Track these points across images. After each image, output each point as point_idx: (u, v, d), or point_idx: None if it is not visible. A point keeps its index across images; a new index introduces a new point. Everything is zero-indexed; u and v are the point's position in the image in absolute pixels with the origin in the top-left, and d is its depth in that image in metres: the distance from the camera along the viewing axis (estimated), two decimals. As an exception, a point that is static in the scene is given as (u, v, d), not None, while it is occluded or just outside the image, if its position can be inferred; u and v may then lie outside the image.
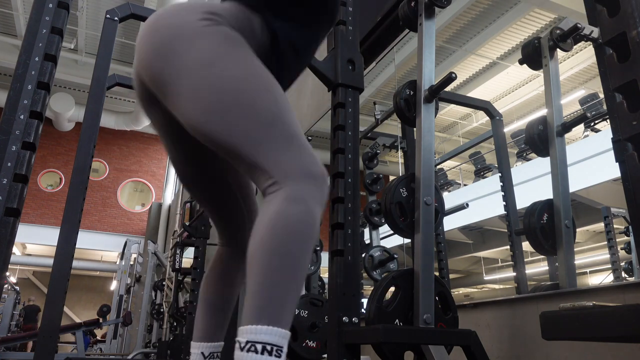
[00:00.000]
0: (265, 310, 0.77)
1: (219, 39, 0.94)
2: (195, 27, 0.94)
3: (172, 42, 0.94)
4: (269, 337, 0.75)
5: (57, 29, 1.33)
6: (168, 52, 0.93)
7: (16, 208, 1.17)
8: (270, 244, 0.81)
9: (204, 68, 0.91)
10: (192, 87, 0.90)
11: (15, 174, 1.18)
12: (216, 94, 0.90)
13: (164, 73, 0.93)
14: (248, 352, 0.74)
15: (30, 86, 1.25)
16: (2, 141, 1.18)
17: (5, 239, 1.14)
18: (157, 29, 0.97)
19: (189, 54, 0.92)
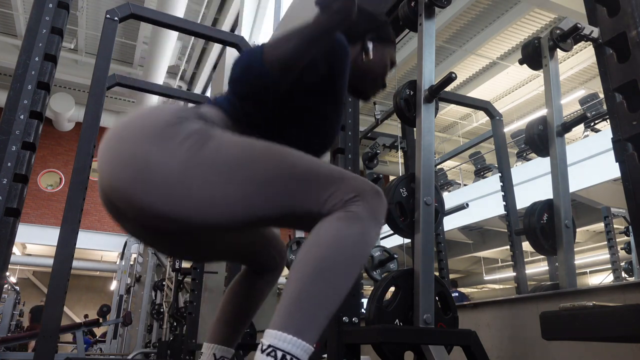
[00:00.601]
0: (294, 320, 0.76)
1: (194, 132, 0.85)
2: (165, 129, 0.84)
3: (144, 155, 0.81)
4: (292, 347, 0.74)
5: (57, 29, 1.33)
6: (144, 170, 0.81)
7: (16, 208, 1.17)
8: (317, 258, 0.80)
9: (195, 169, 0.82)
10: (193, 194, 0.81)
11: (15, 174, 1.18)
12: (226, 186, 0.82)
13: (146, 194, 0.81)
14: (267, 355, 0.74)
15: (30, 86, 1.25)
16: (2, 141, 1.18)
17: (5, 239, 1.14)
18: (122, 141, 0.85)
19: (170, 162, 0.81)
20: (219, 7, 9.68)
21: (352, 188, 0.84)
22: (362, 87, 1.17)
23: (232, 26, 9.30)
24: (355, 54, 1.11)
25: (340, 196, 0.83)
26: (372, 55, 1.12)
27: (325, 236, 0.81)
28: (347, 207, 0.83)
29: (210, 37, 3.16)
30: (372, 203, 0.85)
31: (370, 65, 1.13)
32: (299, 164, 0.86)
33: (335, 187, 0.84)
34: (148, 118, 0.87)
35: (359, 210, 0.83)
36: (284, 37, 0.88)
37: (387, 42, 1.16)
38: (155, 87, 4.32)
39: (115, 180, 0.83)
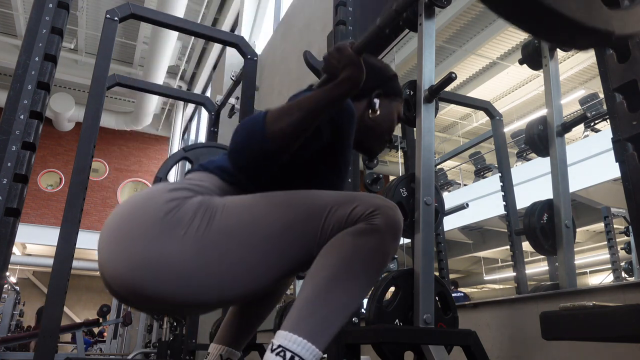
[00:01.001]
0: (306, 324, 0.77)
1: (194, 213, 0.83)
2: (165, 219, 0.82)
3: (149, 253, 0.80)
4: (301, 350, 0.75)
5: (57, 29, 1.33)
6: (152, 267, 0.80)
7: (16, 208, 1.17)
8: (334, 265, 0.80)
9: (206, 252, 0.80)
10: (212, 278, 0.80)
11: (15, 174, 1.18)
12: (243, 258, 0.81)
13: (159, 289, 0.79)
14: (277, 355, 0.74)
15: (30, 86, 1.25)
16: (2, 141, 1.18)
17: (5, 239, 1.14)
18: (122, 239, 0.82)
19: (177, 252, 0.80)
20: (219, 7, 9.68)
21: (369, 204, 0.85)
22: (368, 144, 1.13)
23: (232, 26, 9.30)
24: (361, 110, 1.08)
25: (361, 211, 0.84)
26: (378, 112, 1.09)
27: (344, 245, 0.82)
28: (367, 220, 0.84)
29: (210, 37, 3.16)
30: (390, 217, 0.85)
31: (376, 122, 1.10)
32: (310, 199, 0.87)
33: (355, 204, 0.85)
34: (145, 209, 0.84)
35: (378, 223, 0.83)
36: (287, 108, 0.84)
37: (394, 97, 1.14)
38: (155, 87, 4.32)
39: (127, 279, 0.81)
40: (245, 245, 0.82)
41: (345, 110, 0.95)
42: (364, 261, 0.81)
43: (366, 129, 1.09)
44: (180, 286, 0.80)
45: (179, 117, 13.66)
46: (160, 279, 0.80)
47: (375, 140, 1.13)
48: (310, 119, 0.83)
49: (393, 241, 0.85)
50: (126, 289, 0.83)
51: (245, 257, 0.82)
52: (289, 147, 0.85)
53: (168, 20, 2.87)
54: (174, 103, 13.83)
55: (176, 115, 13.86)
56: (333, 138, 0.95)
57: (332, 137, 0.95)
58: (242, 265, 0.82)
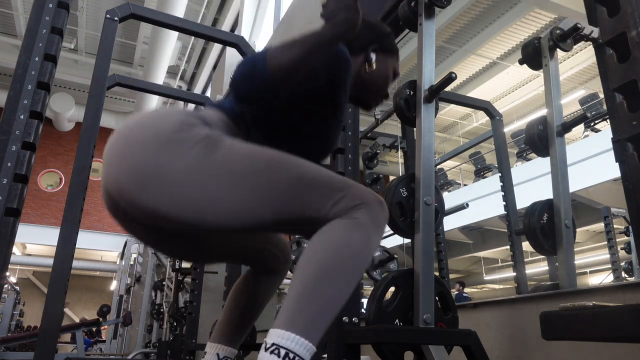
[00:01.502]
0: (298, 320, 0.77)
1: (201, 139, 0.86)
2: (172, 136, 0.85)
3: (151, 161, 0.83)
4: (295, 346, 0.75)
5: (57, 29, 1.33)
6: (150, 175, 0.83)
7: (16, 208, 1.17)
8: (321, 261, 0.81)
9: (202, 175, 0.83)
10: (200, 199, 0.82)
11: (15, 174, 1.18)
12: (231, 191, 0.83)
13: (152, 198, 0.82)
14: (271, 354, 0.75)
15: (30, 86, 1.25)
16: (2, 141, 1.18)
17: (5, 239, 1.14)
18: (128, 145, 0.86)
19: (176, 168, 0.83)
20: (219, 7, 9.69)
21: (357, 196, 0.86)
22: (364, 98, 1.18)
23: (232, 26, 9.30)
24: (358, 64, 1.12)
25: (345, 203, 0.85)
26: (374, 66, 1.13)
27: (330, 239, 0.83)
28: (352, 213, 0.85)
29: (210, 37, 3.16)
30: (375, 211, 0.87)
31: (372, 76, 1.14)
32: (305, 172, 0.88)
33: (341, 194, 0.86)
34: (156, 124, 0.88)
35: (363, 217, 0.85)
36: (288, 44, 0.90)
37: (390, 52, 1.17)
38: (155, 87, 4.32)
39: (124, 185, 0.84)
40: (236, 182, 0.84)
41: (342, 59, 1.01)
42: (351, 256, 0.82)
43: (363, 84, 1.14)
44: (170, 200, 0.83)
45: (179, 117, 13.61)
46: (154, 187, 0.83)
47: (372, 95, 1.18)
48: (308, 55, 0.89)
49: (378, 235, 0.87)
50: (121, 195, 0.85)
51: (233, 190, 0.84)
52: (287, 79, 0.90)
53: (168, 20, 2.87)
54: (174, 103, 13.84)
55: (176, 115, 13.82)
56: (329, 80, 1.00)
57: (329, 80, 0.99)
58: (228, 196, 0.84)
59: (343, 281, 0.82)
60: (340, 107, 1.05)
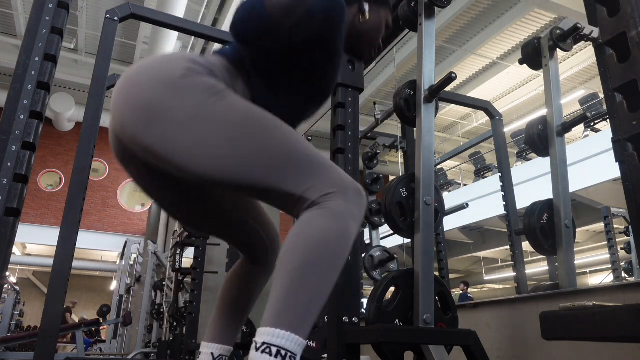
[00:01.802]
0: (286, 316, 0.77)
1: (205, 89, 0.90)
2: (178, 80, 0.89)
3: (154, 100, 0.88)
4: (286, 342, 0.75)
5: (57, 29, 1.33)
6: (152, 112, 0.87)
7: (16, 208, 1.17)
8: (303, 254, 0.81)
9: (199, 121, 0.87)
10: (192, 142, 0.86)
11: (15, 174, 1.18)
12: (223, 142, 0.86)
13: (150, 134, 0.87)
14: (262, 353, 0.75)
15: (30, 86, 1.25)
16: (2, 141, 1.18)
17: (5, 239, 1.14)
18: (135, 85, 0.90)
19: (177, 110, 0.87)
20: (219, 7, 9.68)
21: (335, 183, 0.87)
22: (358, 48, 1.21)
23: (232, 26, 9.28)
24: (352, 15, 1.16)
25: (322, 188, 0.86)
26: (368, 17, 1.16)
27: (308, 232, 0.83)
28: (327, 201, 0.85)
29: (210, 37, 3.16)
30: (353, 201, 0.87)
31: (366, 27, 1.17)
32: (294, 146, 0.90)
33: (319, 178, 0.87)
34: (163, 67, 0.92)
35: (339, 206, 0.85)
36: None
37: (382, 4, 1.21)
38: (155, 87, 4.31)
39: (128, 120, 0.89)
40: (229, 135, 0.87)
41: (337, 4, 1.04)
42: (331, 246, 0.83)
43: (357, 34, 1.17)
44: (166, 140, 0.86)
45: (179, 117, 13.62)
46: (153, 125, 0.87)
47: (365, 46, 1.21)
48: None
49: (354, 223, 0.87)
50: (124, 132, 0.90)
51: (225, 142, 0.87)
52: (285, 19, 0.93)
53: (168, 20, 2.87)
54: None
55: (176, 115, 13.83)
56: (325, 25, 1.03)
57: (324, 25, 1.03)
58: (218, 147, 0.86)
59: (326, 272, 0.82)
60: (337, 52, 1.08)
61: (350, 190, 0.88)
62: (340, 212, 0.85)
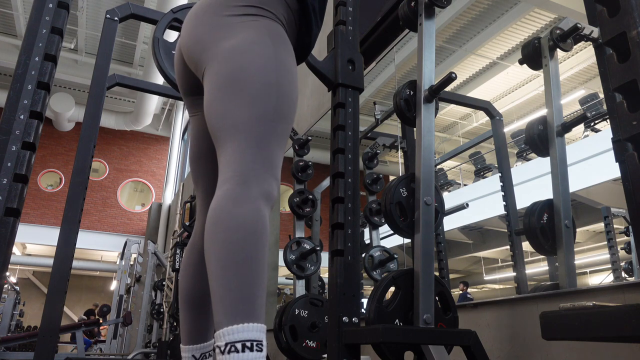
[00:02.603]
0: (236, 309, 0.77)
1: (258, 32, 1.01)
2: (233, 21, 1.02)
3: (211, 33, 1.03)
4: (246, 334, 0.75)
5: (57, 29, 1.33)
6: (207, 41, 1.02)
7: (16, 208, 1.17)
8: (225, 244, 0.82)
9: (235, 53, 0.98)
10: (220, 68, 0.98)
11: (15, 174, 1.18)
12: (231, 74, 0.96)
13: (202, 56, 1.03)
14: (229, 353, 0.74)
15: (30, 86, 1.25)
16: (2, 141, 1.18)
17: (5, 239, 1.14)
18: (202, 22, 1.06)
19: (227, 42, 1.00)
20: (219, 7, 9.67)
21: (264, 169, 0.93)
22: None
23: (232, 26, 9.29)
24: None
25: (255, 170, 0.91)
26: None
27: (224, 220, 0.84)
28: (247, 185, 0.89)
29: (210, 37, 3.15)
30: (264, 183, 0.91)
31: None
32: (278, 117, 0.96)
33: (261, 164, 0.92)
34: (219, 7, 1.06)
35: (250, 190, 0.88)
36: None
37: None
38: (155, 87, 4.31)
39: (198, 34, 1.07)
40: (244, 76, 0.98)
41: None
42: (247, 230, 0.83)
43: None
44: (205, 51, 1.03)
45: (179, 117, 13.65)
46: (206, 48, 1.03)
47: None
48: None
49: (266, 206, 0.89)
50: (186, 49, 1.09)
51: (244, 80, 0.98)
52: None
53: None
54: (174, 103, 13.83)
55: (176, 115, 13.86)
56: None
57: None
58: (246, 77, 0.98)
59: (252, 254, 0.82)
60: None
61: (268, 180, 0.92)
62: (251, 195, 0.88)
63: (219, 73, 0.99)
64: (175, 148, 13.17)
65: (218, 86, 0.98)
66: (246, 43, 0.99)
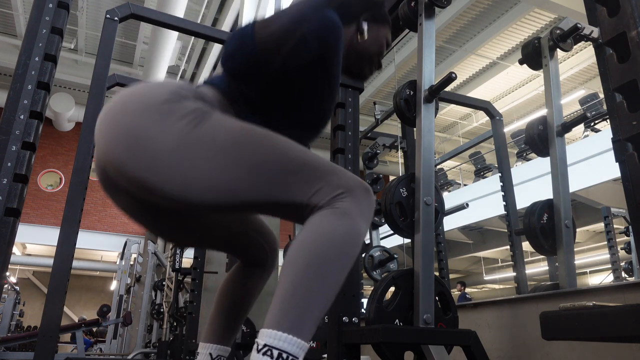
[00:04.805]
0: (289, 318, 0.76)
1: (191, 111, 0.86)
2: (161, 106, 0.85)
3: (137, 128, 0.83)
4: (287, 345, 0.74)
5: (57, 29, 1.33)
6: (136, 141, 0.82)
7: (16, 208, 1.17)
8: (309, 254, 0.79)
9: (187, 146, 0.82)
10: (183, 170, 0.81)
11: (15, 174, 1.18)
12: (217, 165, 0.82)
13: (136, 166, 0.82)
14: (264, 355, 0.74)
15: (30, 86, 1.25)
16: (2, 141, 1.18)
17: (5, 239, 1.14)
18: (117, 113, 0.86)
19: (162, 136, 0.82)
20: (219, 7, 9.68)
21: (341, 184, 0.85)
22: (357, 68, 1.15)
23: (232, 26, 9.30)
24: (350, 34, 1.11)
25: (329, 191, 0.83)
26: (367, 36, 1.11)
27: (316, 233, 0.81)
28: (335, 202, 0.83)
29: (210, 37, 3.15)
30: (361, 200, 0.85)
31: (365, 46, 1.12)
32: (291, 154, 0.86)
33: (324, 181, 0.84)
34: (147, 93, 0.87)
35: (347, 207, 0.83)
36: (275, 15, 0.89)
37: (382, 22, 1.15)
38: (155, 87, 4.31)
39: (110, 150, 0.84)
40: (220, 156, 0.83)
41: (333, 26, 0.98)
42: (337, 247, 0.80)
43: (355, 53, 1.12)
44: (152, 168, 0.82)
45: (179, 117, 13.62)
46: (138, 154, 0.82)
47: (365, 64, 1.15)
48: (296, 22, 0.87)
49: (364, 224, 0.84)
50: (110, 163, 0.85)
51: (216, 164, 0.83)
52: (277, 50, 0.89)
53: (168, 20, 2.87)
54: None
55: (176, 115, 13.82)
56: (321, 49, 0.97)
57: (320, 49, 0.97)
58: (210, 170, 0.83)
59: (332, 274, 0.80)
60: (334, 76, 1.03)
61: (357, 189, 0.85)
62: (348, 212, 0.82)
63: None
64: (175, 148, 13.14)
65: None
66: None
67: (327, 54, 0.99)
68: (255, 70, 0.94)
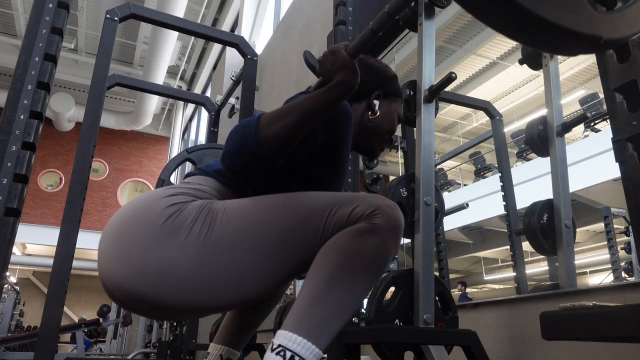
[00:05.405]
0: (307, 323, 0.76)
1: (197, 217, 0.83)
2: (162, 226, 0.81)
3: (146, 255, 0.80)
4: (302, 350, 0.74)
5: (57, 29, 1.33)
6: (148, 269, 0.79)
7: (16, 208, 1.17)
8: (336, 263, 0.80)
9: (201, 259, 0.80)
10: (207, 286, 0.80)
11: (15, 174, 1.18)
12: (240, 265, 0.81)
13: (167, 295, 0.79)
14: (277, 355, 0.74)
15: (30, 86, 1.25)
16: (2, 141, 1.18)
17: (5, 239, 1.14)
18: (122, 239, 0.82)
19: (173, 258, 0.80)
20: (219, 7, 9.69)
21: (371, 204, 0.84)
22: (368, 145, 1.11)
23: (232, 26, 9.30)
24: (360, 111, 1.07)
25: (361, 211, 0.83)
26: (378, 113, 1.07)
27: (344, 244, 0.81)
28: (368, 219, 0.83)
29: (210, 37, 3.16)
30: (390, 216, 0.84)
31: (376, 123, 1.08)
32: (312, 202, 0.86)
33: (355, 204, 0.84)
34: (144, 215, 0.84)
35: (379, 222, 0.82)
36: (281, 111, 0.83)
37: (393, 97, 1.11)
38: (155, 87, 4.32)
39: (131, 289, 0.80)
40: (246, 251, 0.82)
41: (341, 113, 0.93)
42: (364, 261, 0.81)
43: (366, 131, 1.07)
44: (181, 292, 0.80)
45: (179, 117, 13.66)
46: (160, 285, 0.79)
47: (376, 142, 1.11)
48: (303, 123, 0.82)
49: (394, 241, 0.84)
50: (127, 296, 0.82)
51: (247, 262, 0.81)
52: (282, 151, 0.84)
53: (168, 20, 2.87)
54: (174, 103, 13.84)
55: (176, 115, 13.87)
56: (328, 140, 0.93)
57: (328, 140, 0.93)
58: (244, 271, 0.81)
59: (355, 286, 0.80)
60: (342, 164, 0.99)
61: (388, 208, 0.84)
62: (377, 227, 0.82)
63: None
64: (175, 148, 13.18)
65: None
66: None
67: (335, 141, 0.95)
68: (256, 167, 0.89)
